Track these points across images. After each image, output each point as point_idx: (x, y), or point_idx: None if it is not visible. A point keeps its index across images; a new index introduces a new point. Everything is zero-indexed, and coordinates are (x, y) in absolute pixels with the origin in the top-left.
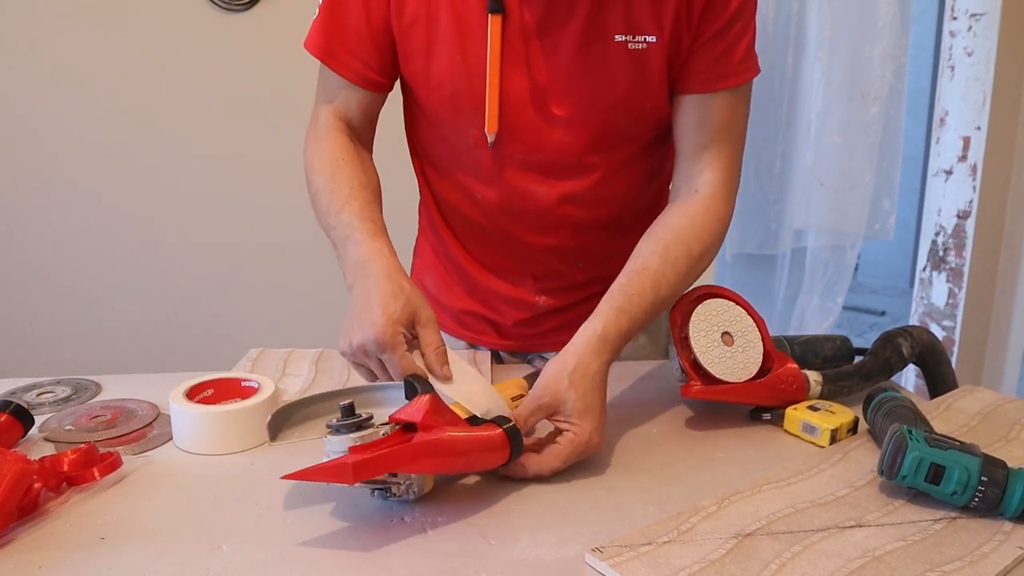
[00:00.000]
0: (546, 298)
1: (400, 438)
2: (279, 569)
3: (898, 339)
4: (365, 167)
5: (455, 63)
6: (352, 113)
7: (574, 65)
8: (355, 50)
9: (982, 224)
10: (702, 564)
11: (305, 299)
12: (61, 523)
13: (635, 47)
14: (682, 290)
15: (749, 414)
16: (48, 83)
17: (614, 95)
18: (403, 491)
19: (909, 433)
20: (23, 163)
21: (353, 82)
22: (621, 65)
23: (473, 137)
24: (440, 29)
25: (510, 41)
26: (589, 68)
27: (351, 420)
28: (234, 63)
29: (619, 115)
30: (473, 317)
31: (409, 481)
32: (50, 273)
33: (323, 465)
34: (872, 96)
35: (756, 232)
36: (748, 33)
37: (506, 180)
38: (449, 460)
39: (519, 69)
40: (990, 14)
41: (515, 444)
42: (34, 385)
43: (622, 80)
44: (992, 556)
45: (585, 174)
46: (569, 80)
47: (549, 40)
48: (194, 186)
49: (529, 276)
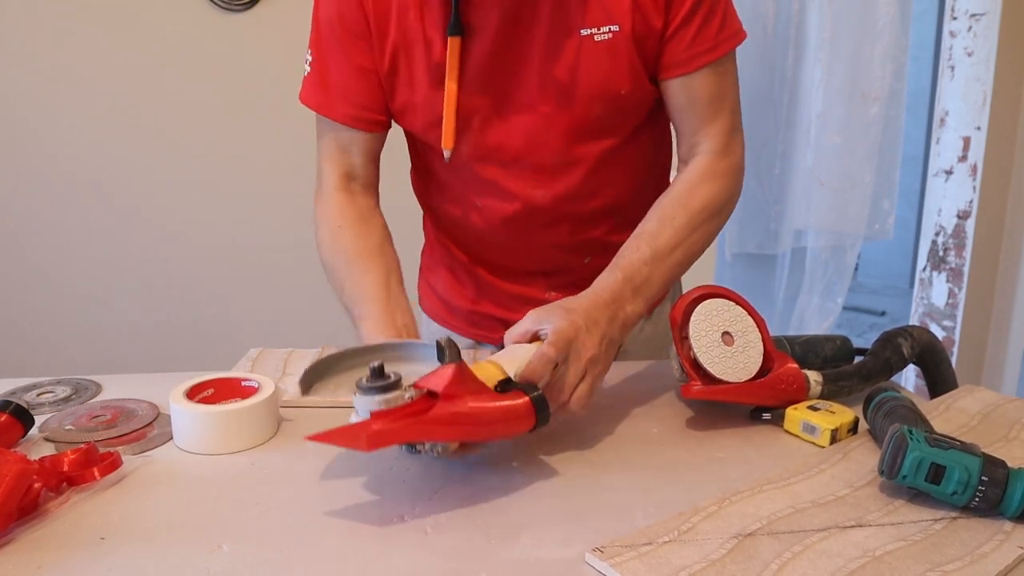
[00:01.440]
0: (556, 294)
1: (423, 404)
2: (279, 569)
3: (898, 339)
4: (366, 225)
5: (434, 89)
6: (355, 159)
7: (546, 65)
8: (347, 95)
9: (982, 224)
10: (703, 564)
11: (305, 299)
12: (61, 523)
13: (601, 38)
14: (688, 244)
15: (749, 414)
16: (48, 83)
17: (590, 87)
18: (428, 449)
19: (909, 433)
20: (23, 163)
21: (351, 126)
22: (591, 57)
23: (468, 153)
24: (416, 61)
25: (476, 57)
26: (561, 65)
27: (379, 383)
28: (234, 63)
29: (597, 106)
30: (484, 317)
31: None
32: (50, 273)
33: (342, 430)
34: (872, 96)
35: (756, 232)
36: (721, 2)
37: (502, 188)
38: (470, 429)
39: (491, 81)
40: (990, 14)
41: (540, 413)
42: (34, 385)
43: (595, 71)
44: (992, 556)
45: (574, 169)
46: (543, 80)
47: (516, 47)
48: (194, 186)
49: (539, 274)
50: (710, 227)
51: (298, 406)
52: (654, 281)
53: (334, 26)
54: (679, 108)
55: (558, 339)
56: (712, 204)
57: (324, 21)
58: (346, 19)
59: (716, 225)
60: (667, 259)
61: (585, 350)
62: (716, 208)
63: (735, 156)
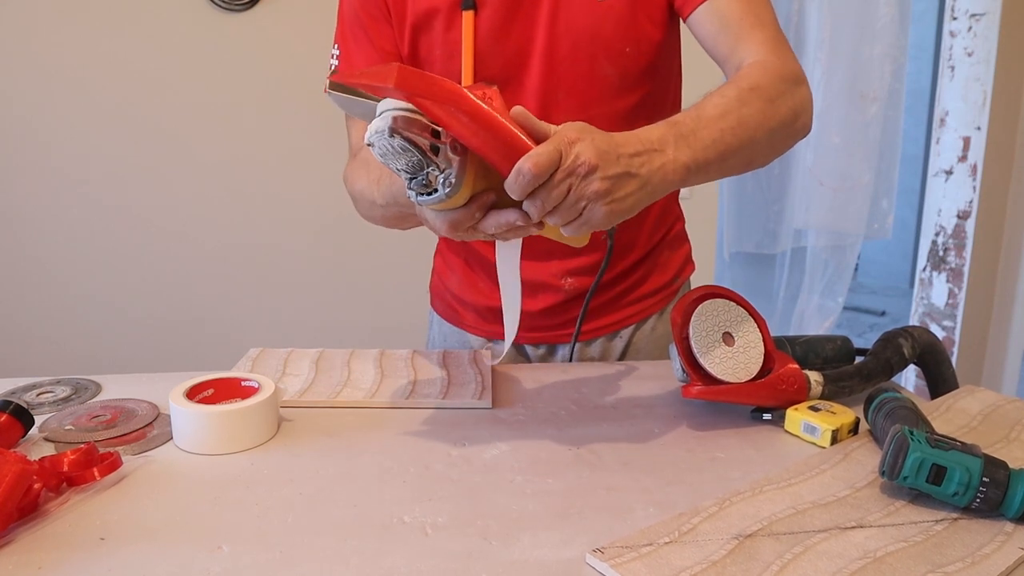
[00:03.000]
0: (572, 280)
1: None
2: (279, 569)
3: (898, 339)
4: None
5: (449, 66)
6: None
7: (552, 30)
8: None
9: (982, 224)
10: (703, 565)
11: (305, 299)
12: (61, 523)
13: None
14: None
15: (750, 414)
16: (48, 83)
17: (595, 45)
18: (437, 179)
19: (910, 434)
20: (22, 163)
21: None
22: (596, 16)
23: None
24: (433, 39)
25: (487, 30)
26: (569, 28)
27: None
28: (234, 63)
29: (604, 65)
30: (498, 313)
31: (449, 169)
32: (50, 273)
33: (367, 69)
34: (872, 96)
35: (756, 232)
36: None
37: None
38: (483, 136)
39: (503, 51)
40: (990, 14)
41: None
42: (34, 385)
43: (601, 30)
44: (994, 557)
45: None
46: (552, 45)
47: (524, 15)
48: (194, 186)
49: (555, 258)
50: (767, 108)
51: (298, 406)
52: (702, 135)
53: (358, 14)
54: (712, 36)
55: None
56: (765, 88)
57: (347, 11)
58: (368, 4)
59: (775, 109)
60: (716, 122)
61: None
62: (770, 94)
63: (791, 62)
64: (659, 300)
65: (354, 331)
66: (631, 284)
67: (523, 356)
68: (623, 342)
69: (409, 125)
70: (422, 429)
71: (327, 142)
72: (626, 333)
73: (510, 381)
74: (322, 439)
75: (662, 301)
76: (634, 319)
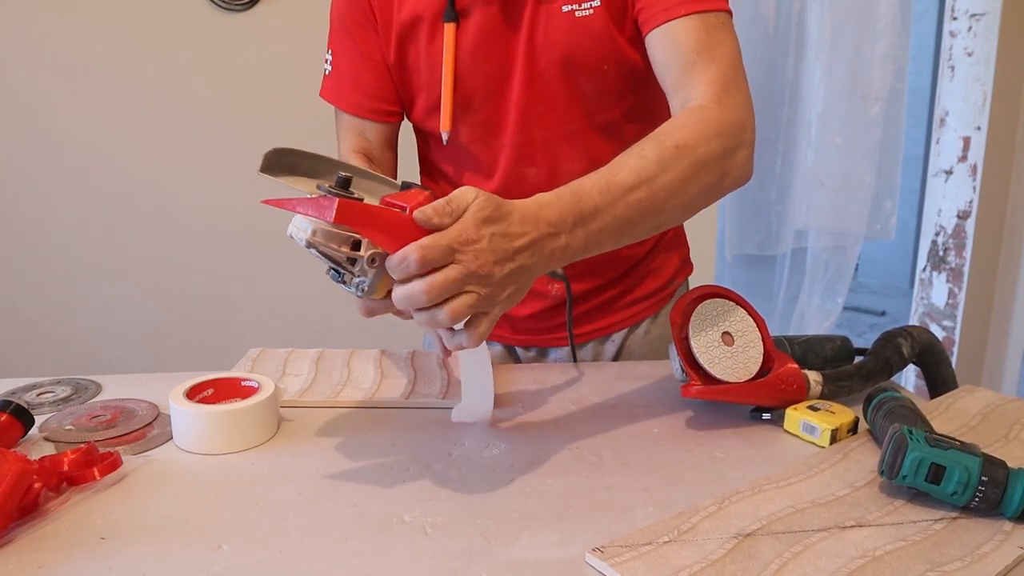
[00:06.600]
0: (559, 283)
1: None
2: (279, 569)
3: (898, 339)
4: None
5: (431, 76)
6: (373, 146)
7: (532, 45)
8: (358, 86)
9: (982, 224)
10: (702, 564)
11: (305, 299)
12: (61, 523)
13: (582, 14)
14: (656, 185)
15: (749, 414)
16: (48, 83)
17: (572, 62)
18: (356, 282)
19: (909, 433)
20: (23, 163)
21: (367, 118)
22: (573, 33)
23: (466, 135)
24: (418, 50)
25: (468, 42)
26: (547, 43)
27: (341, 192)
28: (234, 63)
29: (581, 81)
30: None
31: (363, 279)
32: (50, 273)
33: (307, 199)
34: (872, 96)
35: (757, 232)
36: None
37: (497, 168)
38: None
39: (482, 64)
40: (990, 14)
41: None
42: (34, 385)
43: (578, 47)
44: (992, 556)
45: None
46: (531, 59)
47: (505, 29)
48: (194, 186)
49: None
50: (687, 172)
51: (298, 406)
52: (604, 216)
53: (345, 20)
54: (664, 62)
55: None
56: (692, 144)
57: (337, 17)
58: (355, 11)
59: (697, 173)
60: (626, 195)
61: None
62: (697, 156)
63: (733, 111)
64: (653, 304)
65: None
66: (624, 288)
67: (514, 359)
68: (615, 346)
69: (328, 240)
70: (422, 429)
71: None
72: (618, 337)
73: (510, 381)
74: (322, 439)
75: (656, 305)
76: (627, 323)
